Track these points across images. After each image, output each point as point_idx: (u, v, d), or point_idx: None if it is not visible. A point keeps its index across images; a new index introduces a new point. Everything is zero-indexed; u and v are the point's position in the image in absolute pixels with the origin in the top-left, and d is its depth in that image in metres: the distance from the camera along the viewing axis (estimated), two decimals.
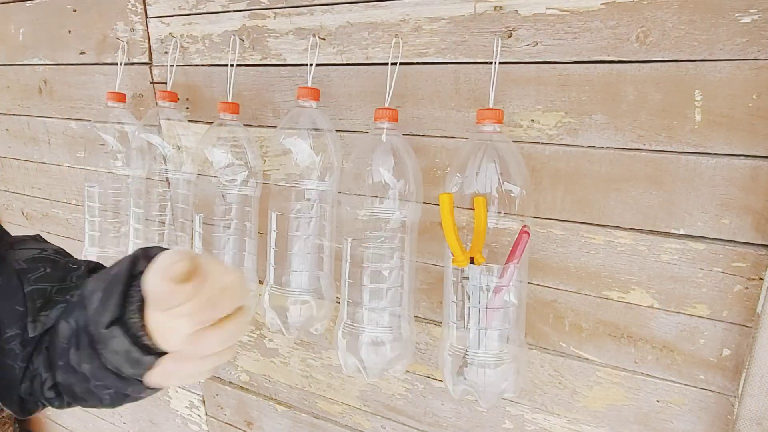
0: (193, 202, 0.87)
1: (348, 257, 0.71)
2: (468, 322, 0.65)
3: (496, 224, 0.64)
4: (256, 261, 0.87)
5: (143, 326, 0.41)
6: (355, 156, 0.73)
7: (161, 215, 0.98)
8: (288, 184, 0.75)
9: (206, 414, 1.20)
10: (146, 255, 0.42)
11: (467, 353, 0.64)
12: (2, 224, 1.44)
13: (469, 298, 0.63)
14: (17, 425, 1.73)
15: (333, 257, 0.78)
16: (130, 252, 0.90)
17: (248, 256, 0.86)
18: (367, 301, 0.70)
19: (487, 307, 0.62)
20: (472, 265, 0.61)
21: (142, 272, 0.39)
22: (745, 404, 0.60)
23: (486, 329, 0.63)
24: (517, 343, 0.65)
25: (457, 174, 0.64)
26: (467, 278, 0.63)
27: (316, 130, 0.75)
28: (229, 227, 0.84)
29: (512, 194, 0.62)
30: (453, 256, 0.61)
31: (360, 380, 0.93)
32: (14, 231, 0.57)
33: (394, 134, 0.69)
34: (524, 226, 0.62)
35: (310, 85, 0.74)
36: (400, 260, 0.70)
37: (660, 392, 0.68)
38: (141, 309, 0.41)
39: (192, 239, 0.89)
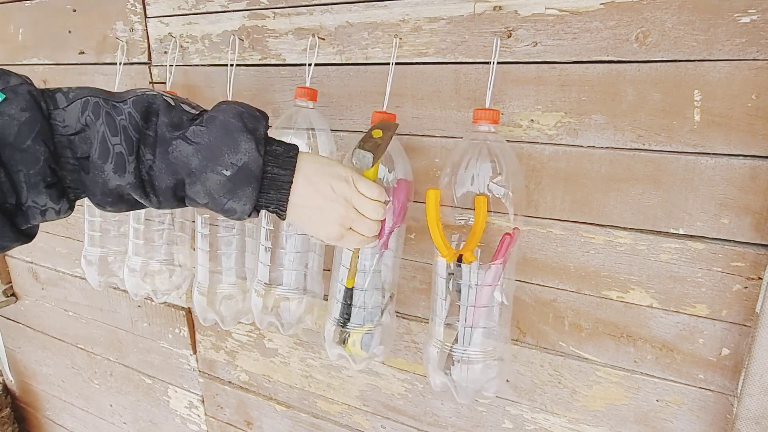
0: None
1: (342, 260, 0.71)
2: (446, 318, 0.65)
3: (488, 223, 0.64)
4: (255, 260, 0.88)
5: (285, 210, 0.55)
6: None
7: (161, 215, 0.97)
8: None
9: (206, 414, 1.20)
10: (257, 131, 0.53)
11: (453, 350, 0.64)
12: None
13: (457, 295, 0.64)
14: (17, 425, 1.73)
15: (323, 255, 0.79)
16: (130, 251, 0.89)
17: (250, 256, 0.86)
18: (357, 301, 0.71)
19: (474, 305, 0.62)
20: (460, 263, 0.61)
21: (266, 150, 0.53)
22: (744, 403, 0.60)
23: (471, 326, 0.63)
24: (502, 340, 0.65)
25: (449, 172, 0.64)
26: (452, 275, 0.63)
27: (311, 129, 0.75)
28: (233, 228, 0.84)
29: (504, 194, 0.62)
30: (437, 251, 0.61)
31: (360, 380, 0.93)
32: None
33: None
34: (515, 229, 0.62)
35: (308, 84, 0.74)
36: (391, 258, 0.71)
37: (659, 392, 0.68)
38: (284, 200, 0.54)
39: (193, 240, 0.89)
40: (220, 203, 0.52)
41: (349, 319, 0.70)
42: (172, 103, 0.52)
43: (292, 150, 0.55)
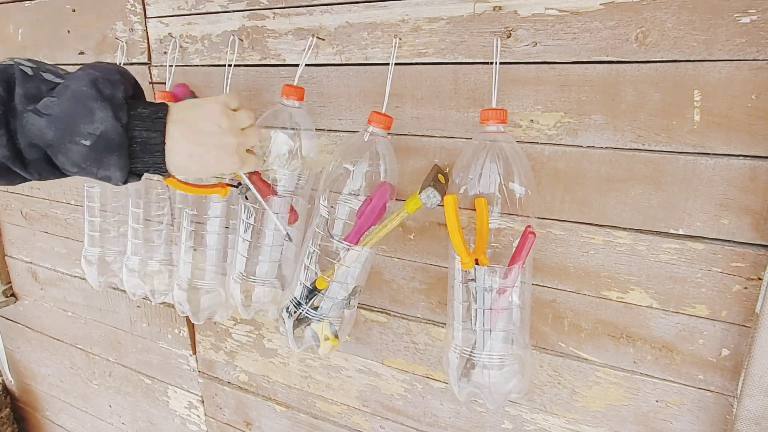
0: (191, 200, 0.88)
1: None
2: (464, 323, 0.65)
3: (504, 225, 0.63)
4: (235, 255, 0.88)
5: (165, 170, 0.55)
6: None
7: (160, 215, 0.97)
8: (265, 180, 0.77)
9: (205, 414, 1.20)
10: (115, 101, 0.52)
11: (472, 354, 0.64)
12: (1, 224, 1.42)
13: (475, 300, 0.63)
14: (16, 425, 1.73)
15: (299, 248, 0.80)
16: (128, 251, 0.90)
17: (232, 252, 0.86)
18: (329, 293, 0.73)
19: (491, 308, 0.62)
20: (476, 266, 0.61)
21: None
22: (743, 404, 0.60)
23: (491, 330, 0.63)
24: (521, 344, 0.65)
25: (462, 175, 0.64)
26: (473, 280, 0.63)
27: (293, 129, 0.75)
28: (219, 225, 0.85)
29: (518, 194, 0.62)
30: (459, 258, 0.61)
31: (359, 380, 0.93)
32: (13, 231, 0.57)
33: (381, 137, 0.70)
34: (528, 226, 0.62)
35: (296, 83, 0.74)
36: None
37: (659, 392, 0.68)
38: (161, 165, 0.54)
39: (180, 235, 0.90)
40: (91, 172, 0.52)
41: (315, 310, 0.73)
42: (30, 73, 0.51)
43: (160, 110, 0.54)
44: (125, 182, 0.54)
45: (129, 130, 0.52)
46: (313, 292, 0.73)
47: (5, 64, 0.51)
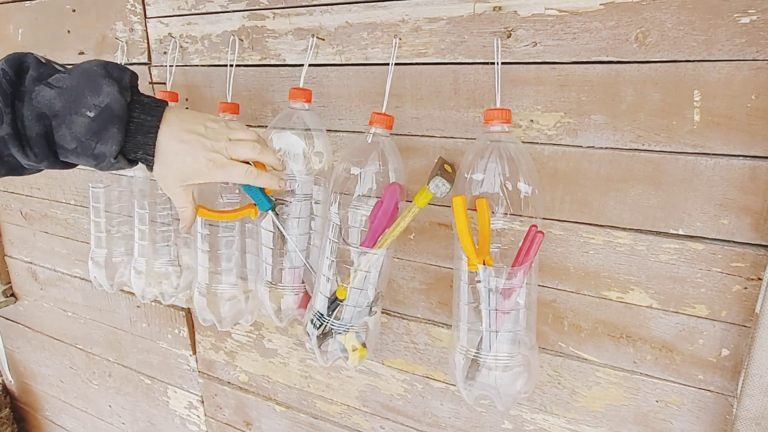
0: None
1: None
2: (471, 324, 0.64)
3: (510, 225, 0.63)
4: (257, 261, 0.87)
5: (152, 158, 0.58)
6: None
7: (165, 216, 0.97)
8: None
9: (205, 414, 1.20)
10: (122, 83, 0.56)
11: (479, 356, 0.63)
12: (1, 224, 1.42)
13: (480, 300, 0.63)
14: (16, 425, 1.73)
15: (321, 252, 0.79)
16: (135, 253, 0.91)
17: (250, 257, 0.86)
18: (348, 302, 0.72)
19: (497, 309, 0.62)
20: (482, 266, 0.61)
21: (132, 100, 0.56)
22: (743, 404, 0.60)
23: (497, 331, 0.62)
24: (528, 345, 0.64)
25: (468, 175, 0.63)
26: (480, 281, 0.63)
27: (306, 130, 0.75)
28: (233, 228, 0.84)
29: (525, 194, 0.62)
30: (468, 258, 0.60)
31: (359, 380, 0.93)
32: (13, 231, 0.57)
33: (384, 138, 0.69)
34: (533, 226, 0.62)
35: (302, 85, 0.74)
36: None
37: (659, 392, 0.68)
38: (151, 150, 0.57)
39: (195, 239, 0.89)
40: (89, 147, 0.55)
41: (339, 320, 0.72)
42: (43, 61, 0.56)
43: (160, 103, 0.59)
44: (115, 160, 0.56)
45: (129, 110, 0.56)
46: (335, 302, 0.71)
47: (22, 53, 0.55)
